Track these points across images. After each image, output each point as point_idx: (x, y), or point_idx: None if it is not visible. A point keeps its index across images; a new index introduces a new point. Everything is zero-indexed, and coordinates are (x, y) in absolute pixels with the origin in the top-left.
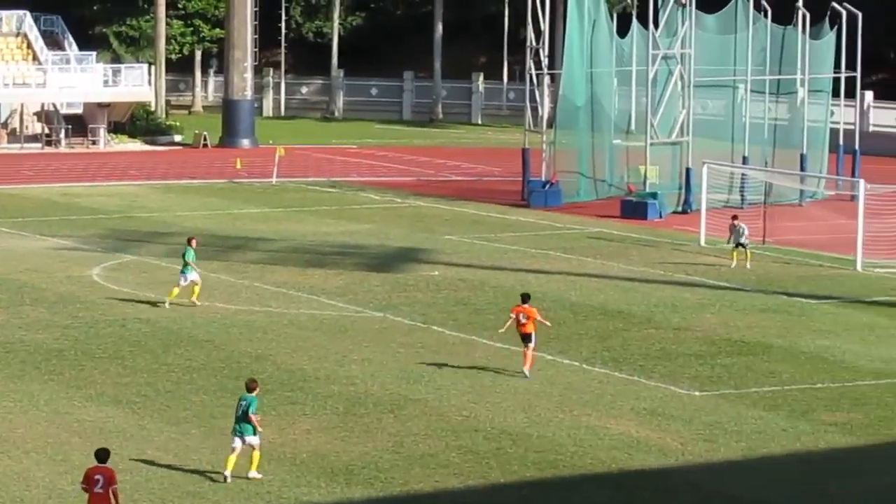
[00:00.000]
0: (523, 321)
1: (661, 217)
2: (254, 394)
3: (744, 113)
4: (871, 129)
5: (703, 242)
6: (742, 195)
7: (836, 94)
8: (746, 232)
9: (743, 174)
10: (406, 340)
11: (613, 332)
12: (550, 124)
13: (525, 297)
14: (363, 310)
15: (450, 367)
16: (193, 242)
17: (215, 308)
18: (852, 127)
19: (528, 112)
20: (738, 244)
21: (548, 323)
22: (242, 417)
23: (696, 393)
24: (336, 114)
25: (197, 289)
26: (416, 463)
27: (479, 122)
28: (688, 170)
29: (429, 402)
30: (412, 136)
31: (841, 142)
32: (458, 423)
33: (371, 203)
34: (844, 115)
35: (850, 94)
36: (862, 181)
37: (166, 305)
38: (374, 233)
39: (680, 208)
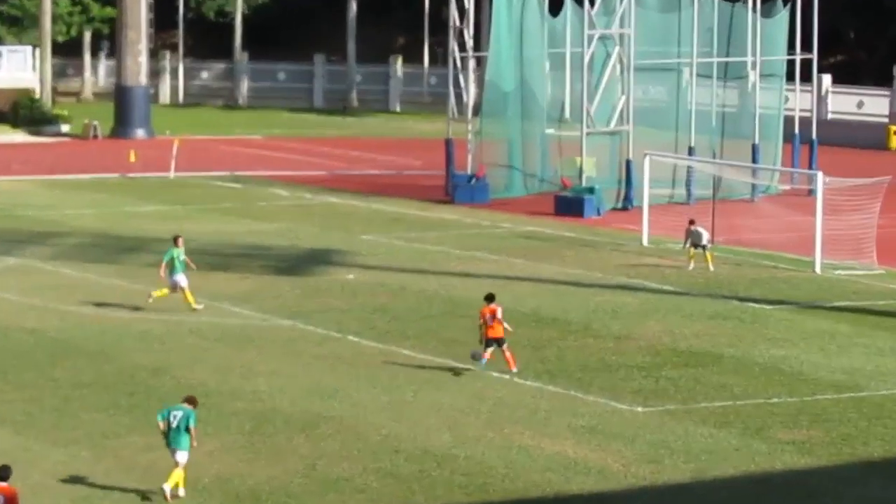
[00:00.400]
0: (491, 323)
1: (598, 214)
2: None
3: (689, 99)
4: (830, 116)
5: (645, 242)
6: (688, 190)
7: (790, 78)
8: (707, 235)
9: (689, 167)
10: (318, 351)
11: (548, 342)
12: (476, 112)
13: (490, 298)
14: (271, 317)
15: (367, 381)
16: (180, 242)
17: (107, 316)
18: (809, 114)
19: (452, 99)
20: (697, 245)
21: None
22: (178, 430)
23: (640, 409)
24: (240, 101)
25: (188, 293)
26: (331, 488)
27: (398, 109)
28: (628, 162)
29: (344, 420)
30: (324, 126)
31: (797, 130)
32: (376, 443)
33: (279, 200)
34: (800, 101)
35: (806, 77)
36: (820, 174)
37: (149, 300)
38: (283, 232)
39: (620, 204)
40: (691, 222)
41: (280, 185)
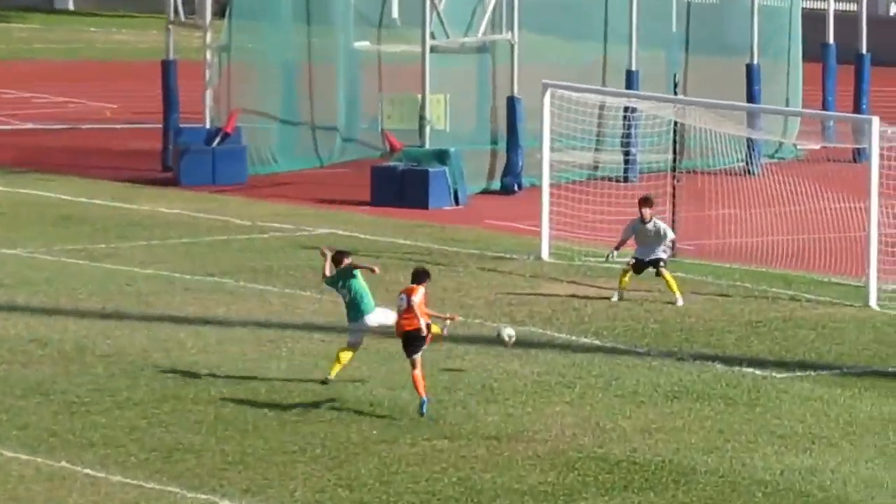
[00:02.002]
0: (400, 310)
1: (456, 202)
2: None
3: None
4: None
5: (545, 254)
6: (628, 154)
7: None
8: (670, 236)
9: (627, 109)
10: None
11: (355, 454)
12: (223, 13)
13: (421, 275)
14: None
15: None
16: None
17: None
18: (853, 6)
19: None
20: (650, 263)
21: (445, 330)
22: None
23: None
24: None
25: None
26: None
27: (71, 6)
28: (511, 102)
29: None
30: None
31: (830, 39)
32: None
33: None
34: None
35: None
36: (875, 120)
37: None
38: None
39: (496, 183)
40: (644, 202)
41: None
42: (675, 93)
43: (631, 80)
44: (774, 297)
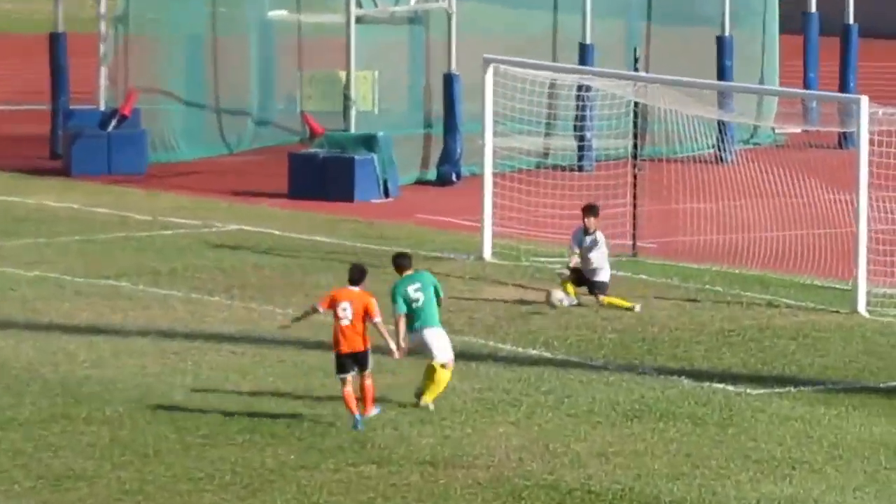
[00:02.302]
0: (345, 322)
1: (385, 194)
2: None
3: None
4: None
5: (487, 253)
6: (582, 140)
7: None
8: (604, 252)
9: (581, 88)
10: None
11: None
12: None
13: (357, 273)
14: None
15: None
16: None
17: None
18: None
19: None
20: (586, 282)
21: (396, 354)
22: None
23: None
24: None
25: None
26: None
27: None
28: (449, 79)
29: None
30: None
31: (812, 7)
32: None
33: None
34: None
35: None
36: (864, 100)
37: (430, 407)
38: None
39: (432, 172)
40: (587, 210)
41: None
42: (636, 69)
43: (585, 54)
44: (749, 302)
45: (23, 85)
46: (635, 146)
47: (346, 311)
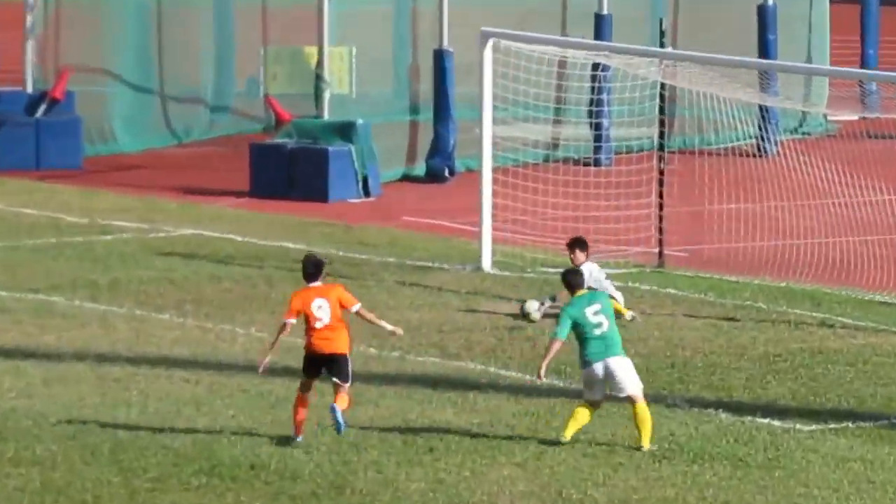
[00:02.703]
0: (320, 325)
1: (366, 193)
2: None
3: None
4: None
5: (486, 263)
6: (598, 128)
7: None
8: (601, 278)
9: (598, 67)
10: None
11: None
12: None
13: (312, 267)
14: None
15: None
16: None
17: None
18: None
19: None
20: None
21: (398, 331)
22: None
23: None
24: None
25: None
26: None
27: None
28: (439, 55)
29: None
30: None
31: None
32: None
33: None
34: None
35: None
36: None
37: (652, 447)
38: None
39: (420, 167)
40: (573, 246)
41: None
42: (662, 44)
43: (601, 26)
44: (798, 321)
45: None
46: (661, 136)
47: (322, 310)
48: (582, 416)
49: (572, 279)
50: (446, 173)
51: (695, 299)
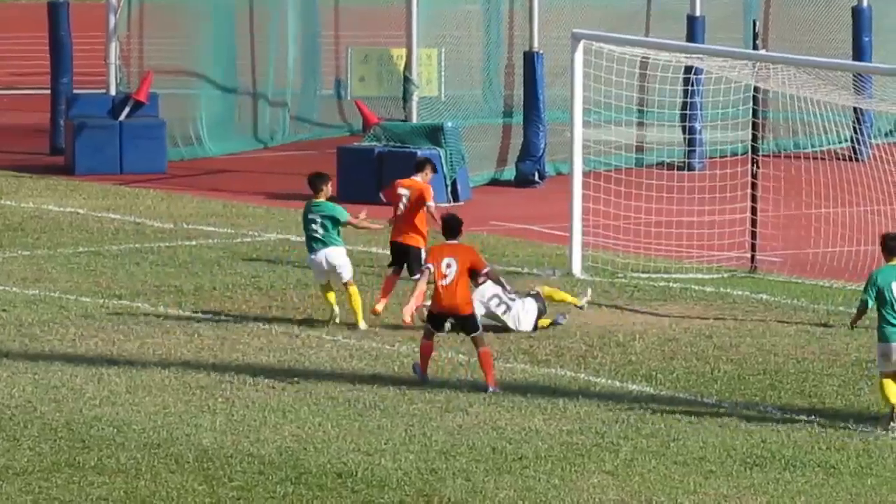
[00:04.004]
0: (444, 282)
1: (454, 197)
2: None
3: None
4: None
5: (576, 268)
6: (690, 132)
7: None
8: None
9: (690, 70)
10: None
11: None
12: None
13: (454, 224)
14: None
15: None
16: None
17: None
18: None
19: None
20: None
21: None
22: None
23: None
24: None
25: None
26: None
27: None
28: (530, 59)
29: None
30: None
31: None
32: None
33: None
34: None
35: None
36: None
37: None
38: None
39: (510, 171)
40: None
41: None
42: (756, 46)
43: (694, 28)
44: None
45: (17, 65)
46: (755, 139)
47: (450, 268)
48: (889, 386)
49: (892, 245)
50: (536, 177)
51: (787, 305)
